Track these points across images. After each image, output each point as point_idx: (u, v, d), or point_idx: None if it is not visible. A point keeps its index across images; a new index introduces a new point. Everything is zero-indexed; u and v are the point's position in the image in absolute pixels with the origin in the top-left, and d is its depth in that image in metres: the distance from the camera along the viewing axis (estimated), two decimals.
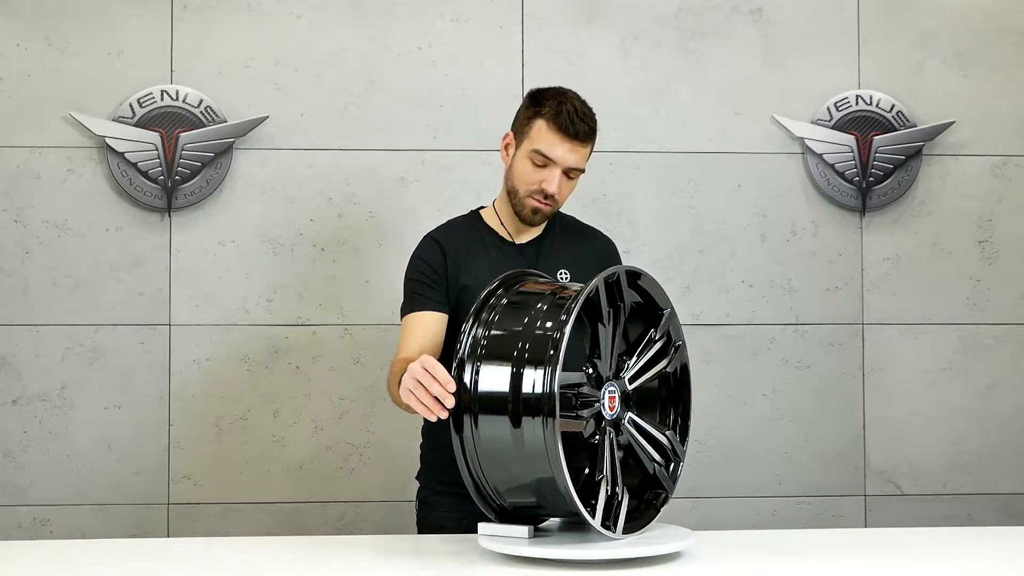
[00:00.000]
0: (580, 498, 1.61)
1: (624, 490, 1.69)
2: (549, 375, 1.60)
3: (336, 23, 2.98)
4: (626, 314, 1.73)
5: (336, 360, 2.94)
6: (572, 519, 1.75)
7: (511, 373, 1.64)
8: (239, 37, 2.96)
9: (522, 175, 2.09)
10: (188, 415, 2.91)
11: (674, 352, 1.83)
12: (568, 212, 2.29)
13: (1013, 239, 3.11)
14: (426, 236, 2.21)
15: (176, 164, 2.90)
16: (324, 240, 2.96)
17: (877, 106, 3.08)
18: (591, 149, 2.11)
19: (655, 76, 3.05)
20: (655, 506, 1.76)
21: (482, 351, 1.70)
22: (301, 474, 2.93)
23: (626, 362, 1.77)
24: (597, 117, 2.11)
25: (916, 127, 3.08)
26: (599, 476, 1.66)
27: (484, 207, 2.25)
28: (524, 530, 1.70)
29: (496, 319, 1.74)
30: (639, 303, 1.81)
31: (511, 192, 2.13)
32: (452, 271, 2.12)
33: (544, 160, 2.06)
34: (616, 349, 1.75)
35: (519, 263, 2.12)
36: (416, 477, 2.25)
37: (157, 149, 2.90)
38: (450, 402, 1.68)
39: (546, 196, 2.08)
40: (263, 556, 1.79)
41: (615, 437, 1.72)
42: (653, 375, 1.80)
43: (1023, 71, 3.12)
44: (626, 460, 1.77)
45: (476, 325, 1.74)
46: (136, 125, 2.90)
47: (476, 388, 1.69)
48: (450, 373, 1.70)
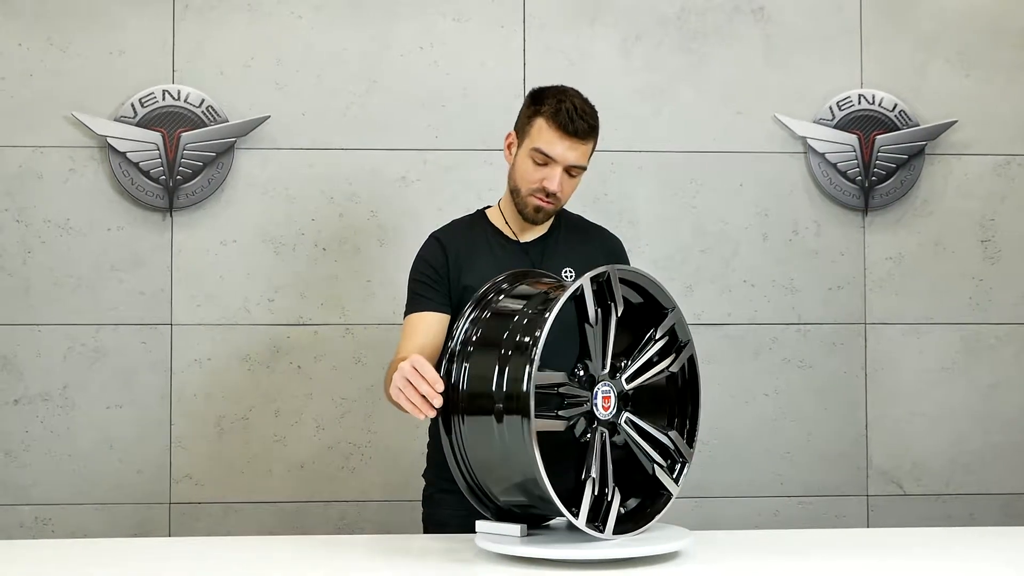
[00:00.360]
0: (574, 498, 1.61)
1: (615, 490, 1.68)
2: (525, 375, 1.60)
3: (337, 23, 2.98)
4: (618, 314, 1.72)
5: (337, 360, 2.94)
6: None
7: (494, 373, 1.64)
8: (240, 37, 2.96)
9: (524, 174, 2.10)
10: (189, 415, 2.92)
11: (677, 352, 1.80)
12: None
13: (1016, 239, 3.10)
14: (430, 235, 2.22)
15: (178, 164, 2.90)
16: (325, 240, 2.96)
17: (880, 105, 3.07)
18: (593, 146, 2.10)
19: (657, 76, 3.05)
20: (656, 507, 1.75)
21: (470, 351, 1.71)
22: (302, 474, 2.93)
23: (623, 362, 1.76)
24: (599, 116, 2.11)
25: (919, 126, 3.07)
26: (585, 476, 1.65)
27: (490, 207, 2.25)
28: (516, 529, 1.70)
29: (486, 319, 1.74)
30: (641, 303, 1.80)
31: (514, 191, 2.14)
32: (454, 271, 2.13)
33: (545, 158, 2.06)
34: (612, 348, 1.73)
35: (523, 262, 2.12)
36: (423, 475, 2.25)
37: (159, 149, 2.90)
38: (438, 402, 1.70)
39: (548, 194, 2.08)
40: (264, 555, 1.80)
41: (608, 437, 1.71)
42: (653, 375, 1.78)
43: None
44: (628, 461, 1.76)
45: (467, 325, 1.74)
46: (138, 125, 2.90)
47: (462, 388, 1.70)
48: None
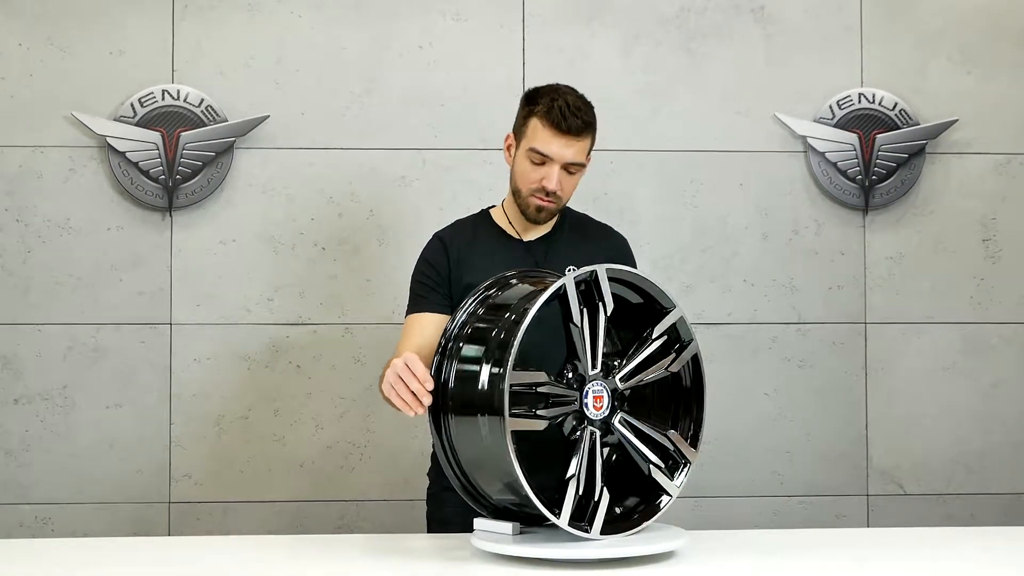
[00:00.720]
0: (575, 499, 1.61)
1: (604, 490, 1.67)
2: (500, 374, 1.60)
3: (337, 22, 2.98)
4: (607, 313, 1.71)
5: (337, 359, 2.94)
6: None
7: (478, 372, 1.65)
8: (240, 36, 2.96)
9: (523, 174, 2.11)
10: (189, 414, 2.92)
11: (678, 352, 1.79)
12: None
13: (1017, 238, 3.09)
14: (433, 235, 2.23)
15: (177, 163, 2.91)
16: (325, 239, 2.96)
17: (880, 104, 3.06)
18: (590, 143, 2.10)
19: (657, 75, 3.04)
20: (650, 508, 1.74)
21: (459, 349, 1.72)
22: (302, 473, 2.93)
23: (616, 361, 1.76)
24: (597, 113, 2.11)
25: (919, 125, 3.06)
26: (569, 476, 1.65)
27: (494, 206, 2.25)
28: (508, 527, 1.70)
29: (476, 317, 1.74)
30: (642, 303, 1.79)
31: (515, 192, 2.14)
32: (456, 270, 2.14)
33: (542, 158, 2.06)
34: (604, 348, 1.72)
35: (526, 261, 2.12)
36: (427, 474, 2.25)
37: (158, 148, 2.90)
38: (427, 399, 1.72)
39: (548, 193, 2.08)
40: (263, 555, 1.80)
41: (599, 437, 1.70)
42: (650, 375, 1.77)
43: None
44: (632, 461, 1.76)
45: (458, 323, 1.75)
46: (137, 125, 2.90)
47: (451, 386, 1.71)
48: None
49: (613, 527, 1.69)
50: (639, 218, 3.01)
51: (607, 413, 1.72)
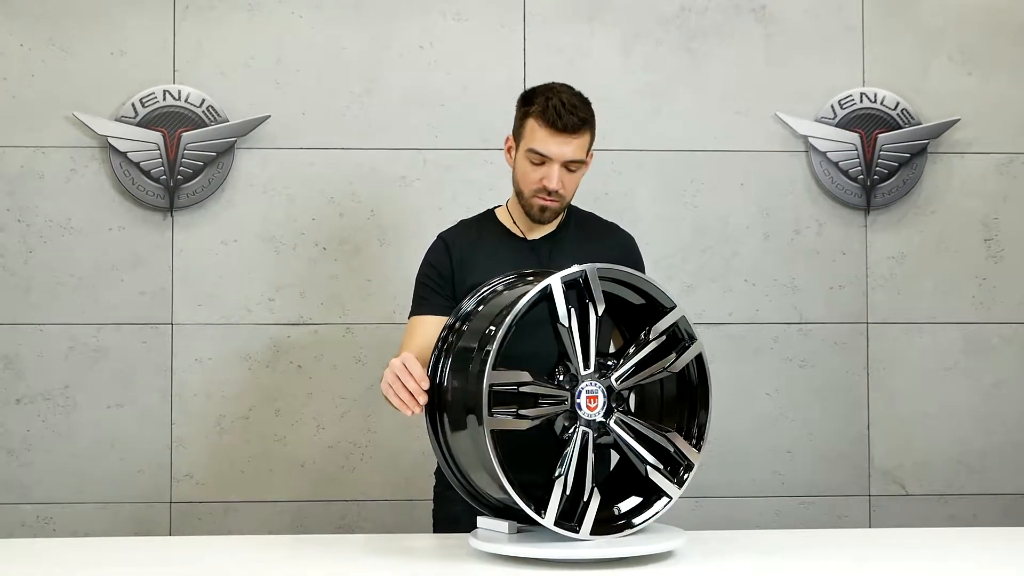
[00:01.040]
0: (561, 499, 1.61)
1: (593, 490, 1.66)
2: (480, 373, 1.62)
3: (337, 22, 2.99)
4: (598, 313, 1.70)
5: (338, 359, 2.94)
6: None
7: (467, 373, 1.66)
8: (241, 37, 2.96)
9: (524, 175, 2.11)
10: (190, 414, 2.92)
11: (679, 352, 1.77)
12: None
13: (1019, 237, 3.09)
14: (437, 236, 2.24)
15: (178, 164, 2.91)
16: (326, 239, 2.96)
17: (882, 104, 3.06)
18: (589, 139, 2.10)
19: (657, 75, 3.04)
20: (645, 509, 1.73)
21: (453, 348, 1.73)
22: (303, 473, 2.94)
23: (611, 361, 1.75)
24: (597, 113, 2.11)
25: (921, 125, 3.06)
26: (555, 475, 1.65)
27: (500, 206, 2.26)
28: (506, 525, 1.70)
29: (470, 318, 1.74)
30: (643, 304, 1.78)
31: (519, 194, 2.15)
32: (459, 270, 2.15)
33: (541, 158, 2.07)
34: (596, 347, 1.72)
35: (531, 259, 2.12)
36: (434, 472, 2.25)
37: (159, 149, 2.91)
38: (423, 399, 1.76)
39: (550, 193, 2.08)
40: (264, 555, 1.80)
41: (592, 437, 1.69)
42: (648, 375, 1.76)
43: None
44: (627, 461, 1.75)
45: (454, 322, 1.76)
46: (138, 125, 2.90)
47: (444, 386, 1.73)
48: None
49: (608, 528, 1.68)
50: (639, 218, 3.01)
51: (603, 413, 1.71)
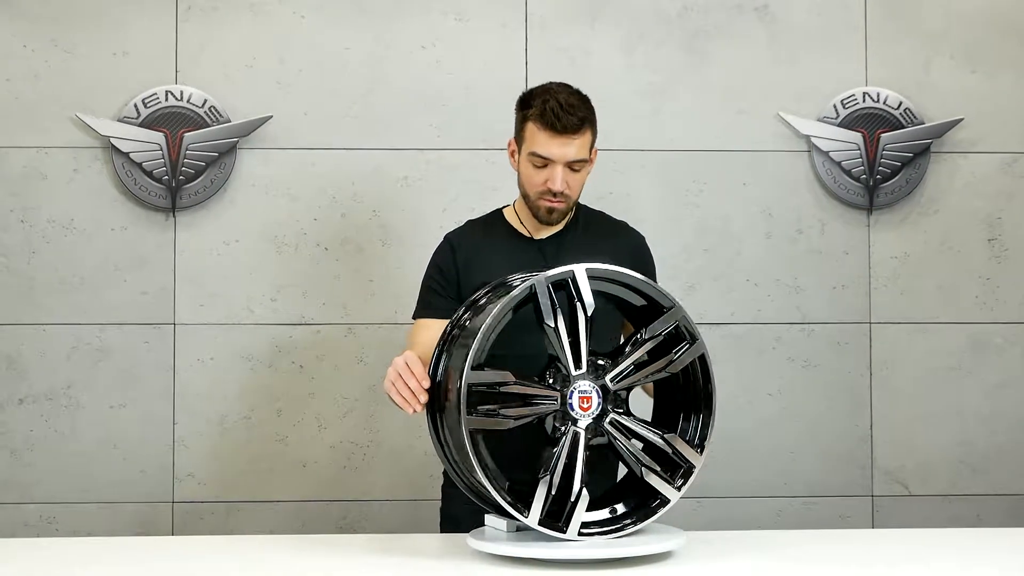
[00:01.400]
0: (559, 499, 1.61)
1: (583, 491, 1.66)
2: (462, 372, 1.63)
3: (340, 23, 2.99)
4: (587, 313, 1.70)
5: (340, 359, 2.95)
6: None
7: (460, 372, 1.66)
8: (243, 37, 2.97)
9: (528, 178, 2.11)
10: (193, 414, 2.92)
11: (678, 352, 1.76)
12: None
13: (1023, 237, 3.08)
14: (444, 236, 2.24)
15: (180, 164, 2.91)
16: (328, 239, 2.96)
17: (884, 103, 3.05)
18: (591, 137, 2.09)
19: (659, 74, 3.04)
20: (651, 511, 1.72)
21: (449, 350, 1.74)
22: (305, 473, 2.94)
23: (606, 361, 1.75)
24: (599, 113, 2.10)
25: (924, 124, 3.05)
26: (541, 475, 1.64)
27: (507, 206, 2.26)
28: (503, 524, 1.70)
29: (469, 317, 1.75)
30: (645, 305, 1.78)
31: (525, 197, 2.15)
32: (464, 270, 2.15)
33: (542, 160, 2.06)
34: (588, 347, 1.71)
35: (537, 259, 2.12)
36: (443, 472, 2.25)
37: (162, 149, 2.91)
38: (423, 397, 1.79)
39: (555, 194, 2.08)
40: (266, 555, 1.81)
41: (583, 437, 1.69)
42: (646, 375, 1.75)
43: None
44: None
45: (454, 322, 1.76)
46: (141, 125, 2.91)
47: (442, 385, 1.75)
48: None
49: (603, 529, 1.68)
50: (642, 218, 2.99)
51: (596, 414, 1.70)
